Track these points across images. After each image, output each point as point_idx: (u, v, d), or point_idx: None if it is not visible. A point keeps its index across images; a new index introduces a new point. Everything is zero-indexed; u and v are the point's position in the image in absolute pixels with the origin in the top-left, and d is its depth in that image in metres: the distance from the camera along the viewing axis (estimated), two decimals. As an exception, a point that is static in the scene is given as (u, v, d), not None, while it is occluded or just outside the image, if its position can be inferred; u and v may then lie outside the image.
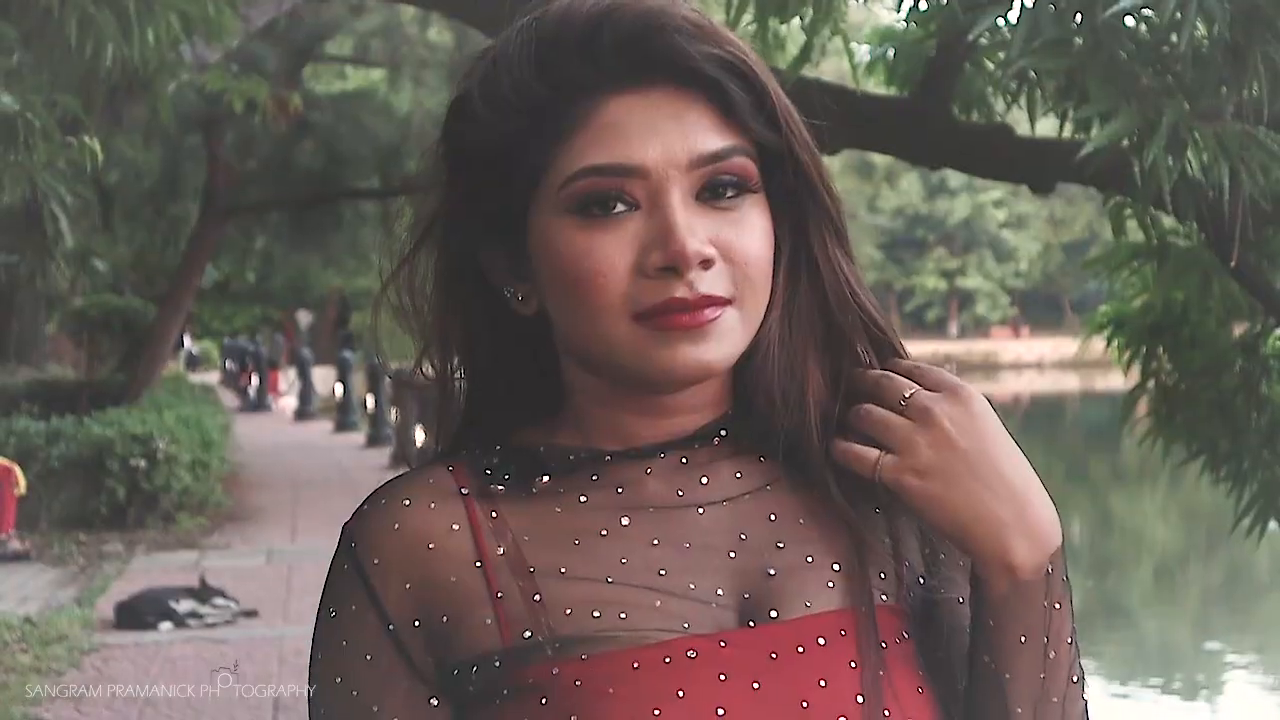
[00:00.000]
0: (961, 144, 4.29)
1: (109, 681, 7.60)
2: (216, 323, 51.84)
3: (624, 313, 1.19)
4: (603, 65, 1.20)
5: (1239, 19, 3.02)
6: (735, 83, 1.21)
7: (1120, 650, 13.07)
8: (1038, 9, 3.26)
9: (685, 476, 1.27)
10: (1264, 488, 4.95)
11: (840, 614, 1.22)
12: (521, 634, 1.19)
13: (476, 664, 1.20)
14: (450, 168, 1.28)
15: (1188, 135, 3.11)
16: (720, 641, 1.18)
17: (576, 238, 1.20)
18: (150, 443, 12.75)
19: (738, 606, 1.22)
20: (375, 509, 1.27)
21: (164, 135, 17.07)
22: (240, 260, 27.99)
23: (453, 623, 1.21)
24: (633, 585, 1.21)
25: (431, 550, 1.23)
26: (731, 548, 1.25)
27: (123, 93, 6.64)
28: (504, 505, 1.26)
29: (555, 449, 1.28)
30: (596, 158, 1.19)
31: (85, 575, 10.93)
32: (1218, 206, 3.32)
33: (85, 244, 20.33)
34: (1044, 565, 1.21)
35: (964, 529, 1.21)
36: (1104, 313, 5.21)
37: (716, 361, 1.20)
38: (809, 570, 1.24)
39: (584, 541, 1.24)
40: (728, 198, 1.21)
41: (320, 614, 1.28)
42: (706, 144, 1.20)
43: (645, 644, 1.17)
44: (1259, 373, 4.90)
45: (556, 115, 1.20)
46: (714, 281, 1.19)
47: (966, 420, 1.22)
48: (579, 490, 1.27)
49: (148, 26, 5.45)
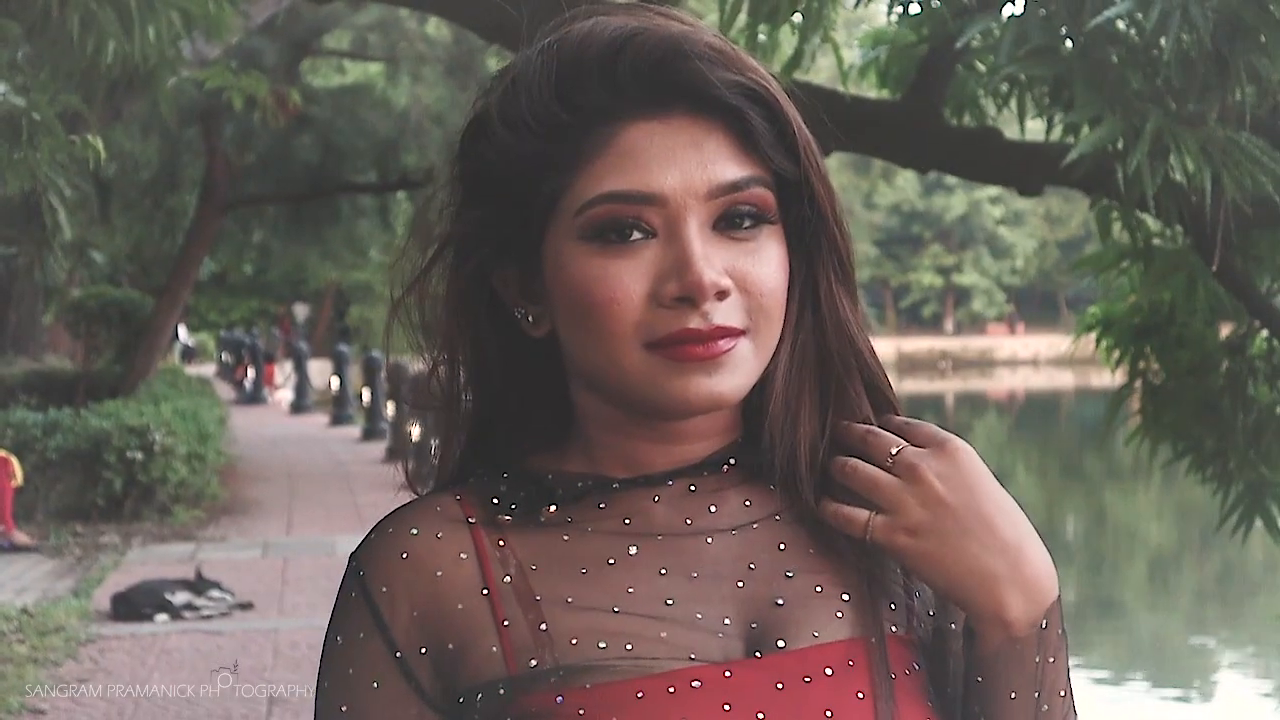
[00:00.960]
0: (951, 147, 4.34)
1: (105, 672, 7.66)
2: (213, 315, 51.83)
3: (636, 341, 1.18)
4: (623, 91, 1.19)
5: (1222, 27, 3.08)
6: (756, 111, 1.20)
7: (1113, 646, 13.13)
8: (1025, 16, 3.32)
9: (694, 504, 1.26)
10: (1249, 487, 5.00)
11: (849, 644, 1.21)
12: (527, 662, 1.18)
13: (482, 692, 1.19)
14: (465, 187, 1.27)
15: (1171, 141, 3.17)
16: (726, 671, 1.17)
17: (592, 263, 1.19)
18: (147, 435, 12.78)
19: (745, 636, 1.21)
20: (383, 537, 1.26)
21: (163, 128, 17.10)
22: (237, 253, 27.96)
23: (459, 650, 1.21)
24: (639, 615, 1.20)
25: (439, 578, 1.23)
26: (740, 577, 1.24)
27: (123, 88, 6.67)
28: (511, 534, 1.25)
29: (563, 476, 1.27)
30: (614, 184, 1.18)
31: (82, 566, 10.98)
32: (1200, 210, 3.38)
33: (83, 236, 20.36)
34: (1039, 619, 1.21)
35: (958, 585, 1.20)
36: (1093, 313, 5.25)
37: (729, 393, 1.20)
38: (818, 600, 1.23)
39: (591, 570, 1.23)
40: (745, 228, 1.20)
41: (327, 641, 1.27)
42: (725, 173, 1.19)
43: (650, 674, 1.16)
44: (1245, 373, 4.94)
45: (575, 140, 1.19)
46: (728, 312, 1.18)
47: (955, 475, 1.21)
48: (586, 519, 1.25)
49: (149, 23, 5.49)
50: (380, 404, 20.68)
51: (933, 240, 69.19)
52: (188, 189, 21.01)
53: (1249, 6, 3.02)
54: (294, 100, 10.59)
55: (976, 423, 40.03)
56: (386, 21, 19.72)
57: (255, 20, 8.43)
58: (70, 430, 12.94)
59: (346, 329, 45.15)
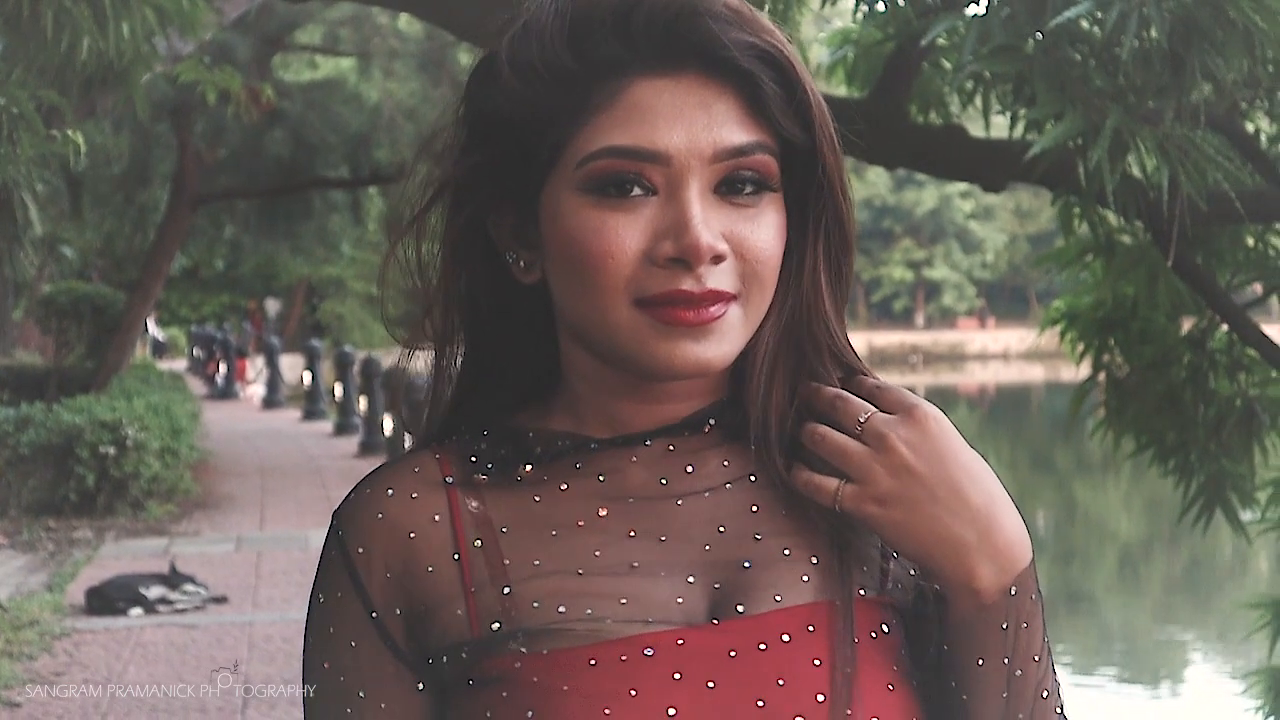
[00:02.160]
0: (916, 144, 4.41)
1: (80, 666, 7.67)
2: (184, 310, 51.70)
3: (627, 296, 1.18)
4: (635, 45, 1.18)
5: (1178, 28, 3.15)
6: (769, 75, 1.19)
7: (1083, 638, 13.21)
8: (988, 15, 3.40)
9: (671, 464, 1.26)
10: (1210, 479, 5.05)
11: (811, 608, 1.20)
12: (490, 626, 1.19)
13: (448, 654, 1.21)
14: (468, 130, 1.26)
15: (1130, 138, 3.24)
16: (679, 639, 1.17)
17: (589, 216, 1.18)
18: (119, 430, 12.76)
19: (708, 599, 1.20)
20: (361, 497, 1.27)
21: (134, 123, 17.08)
22: (209, 248, 27.93)
23: (430, 612, 1.22)
24: (602, 577, 1.20)
25: (413, 540, 1.23)
26: (708, 540, 1.23)
27: (97, 83, 6.69)
28: (487, 494, 1.26)
29: (544, 433, 1.28)
30: (619, 139, 1.17)
31: (55, 561, 10.97)
32: (1159, 206, 3.45)
33: (53, 231, 20.32)
34: (1009, 586, 1.19)
35: (927, 554, 1.19)
36: (1057, 307, 5.30)
37: (716, 359, 1.19)
38: (785, 563, 1.22)
39: (560, 533, 1.23)
40: (746, 194, 1.20)
41: (311, 600, 1.28)
42: (731, 137, 1.18)
43: (604, 640, 1.16)
44: (1206, 367, 4.99)
45: (583, 91, 1.18)
46: (722, 276, 1.18)
47: (923, 443, 1.20)
48: (561, 478, 1.26)
49: (123, 20, 5.52)
50: (353, 399, 20.67)
51: (904, 235, 69.36)
52: (159, 184, 20.98)
53: (1204, 8, 3.10)
54: (268, 95, 10.60)
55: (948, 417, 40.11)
56: (358, 16, 19.72)
57: (228, 16, 8.46)
58: (43, 425, 12.90)
59: (319, 324, 45.14)
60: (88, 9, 5.40)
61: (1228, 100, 3.75)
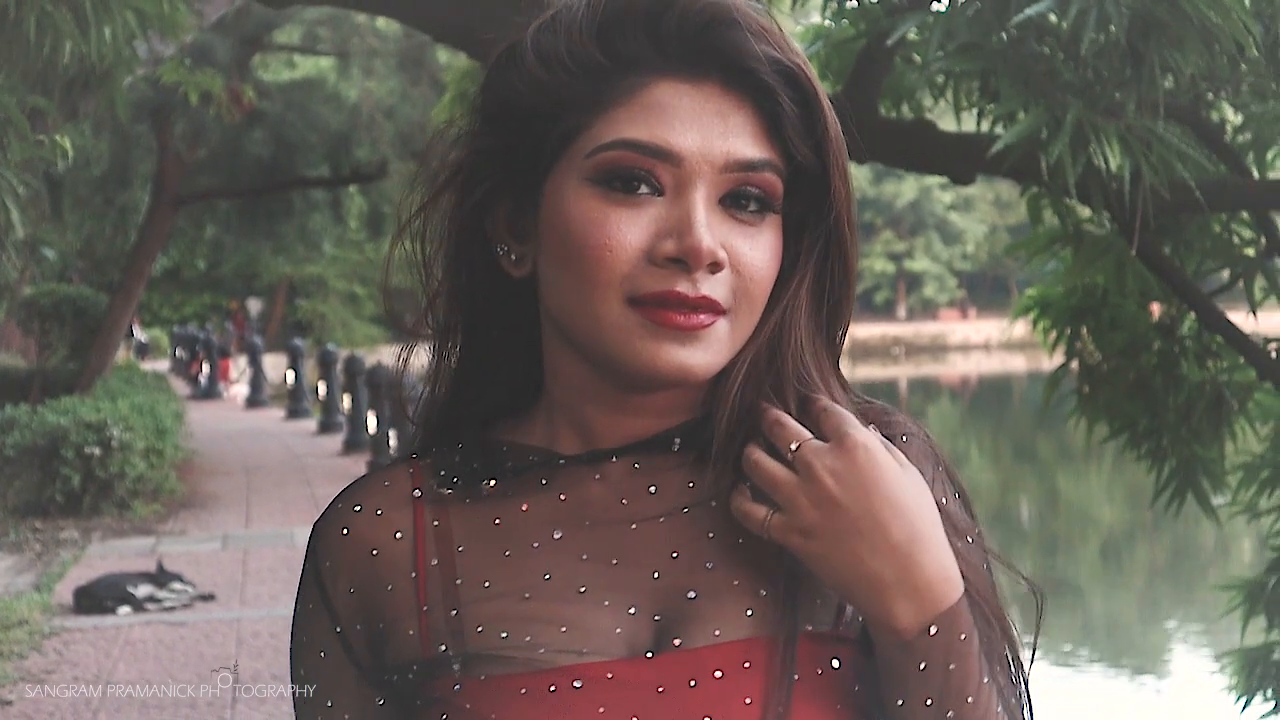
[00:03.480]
0: (887, 139, 4.48)
1: (70, 664, 7.74)
2: (166, 310, 51.61)
3: (620, 293, 1.17)
4: (662, 46, 1.18)
5: (1137, 23, 3.24)
6: (789, 93, 1.19)
7: (1067, 627, 13.30)
8: (953, 13, 3.48)
9: (634, 484, 1.25)
10: (1181, 464, 5.14)
11: (749, 643, 1.17)
12: (438, 647, 1.20)
13: (399, 673, 1.22)
14: (483, 116, 1.26)
15: (1091, 131, 3.33)
16: (609, 673, 1.15)
17: (593, 206, 1.17)
18: (104, 430, 12.79)
19: (648, 631, 1.19)
20: (333, 512, 1.29)
21: (114, 125, 17.11)
22: (190, 248, 28.00)
23: (387, 630, 1.23)
24: (547, 602, 1.19)
25: (375, 557, 1.25)
26: (659, 567, 1.21)
27: (79, 87, 6.75)
28: (452, 510, 1.26)
29: (516, 447, 1.28)
30: (634, 132, 1.17)
31: (42, 561, 11.02)
32: (1121, 196, 3.54)
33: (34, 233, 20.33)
34: (928, 625, 1.15)
35: (848, 589, 1.16)
36: (1030, 296, 5.36)
37: (698, 367, 1.18)
38: (731, 595, 1.19)
39: (514, 554, 1.23)
40: (750, 210, 1.20)
41: (294, 607, 1.31)
42: (745, 150, 1.18)
43: (537, 669, 1.15)
44: (1176, 353, 5.07)
45: (605, 83, 1.19)
46: (716, 286, 1.17)
47: (849, 473, 1.15)
48: (525, 495, 1.26)
49: (105, 24, 5.57)
50: (336, 397, 20.70)
51: (884, 227, 69.49)
52: (139, 185, 21.00)
53: (1161, 4, 3.18)
54: (249, 96, 10.67)
55: (930, 407, 40.29)
56: (337, 16, 19.77)
57: (209, 19, 8.52)
58: (27, 427, 12.93)
59: (300, 323, 45.11)
60: (69, 13, 5.45)
61: (1189, 92, 3.84)
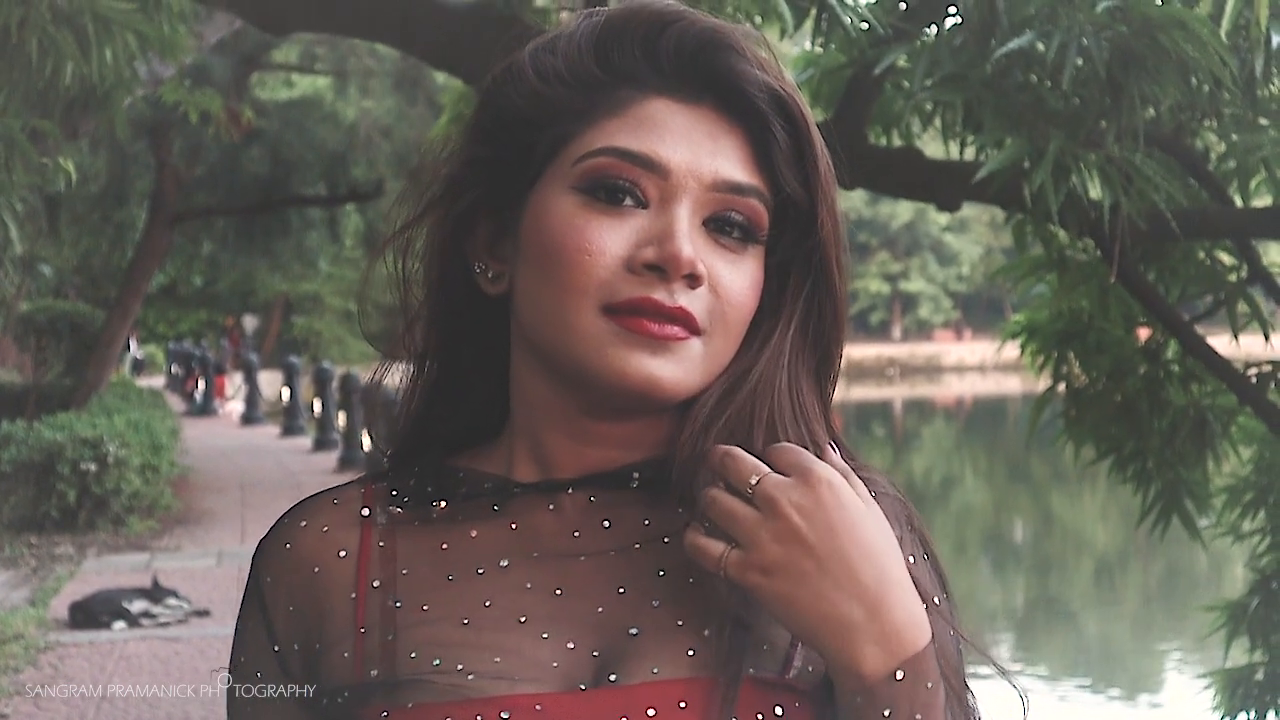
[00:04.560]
0: (874, 165, 4.56)
1: (65, 678, 7.78)
2: (161, 327, 51.63)
3: (595, 300, 1.15)
4: (659, 65, 1.19)
5: (1116, 56, 3.32)
6: (781, 123, 1.19)
7: (1060, 647, 13.34)
8: (938, 45, 3.57)
9: (588, 517, 1.23)
10: (1166, 486, 5.21)
11: (688, 683, 1.12)
12: (369, 672, 1.16)
13: (329, 696, 1.19)
14: (474, 128, 1.26)
15: (1072, 161, 3.42)
16: (537, 705, 1.11)
17: (575, 213, 1.17)
18: (100, 446, 12.83)
19: (585, 666, 1.15)
20: (279, 527, 1.27)
21: (112, 142, 17.19)
22: (186, 264, 28.05)
23: (322, 651, 1.20)
24: (485, 630, 1.16)
25: (316, 574, 1.23)
26: (603, 602, 1.18)
27: (79, 107, 6.82)
28: (400, 532, 1.24)
29: (472, 473, 1.26)
30: (624, 142, 1.17)
31: (37, 576, 11.06)
32: (1102, 224, 3.63)
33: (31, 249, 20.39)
34: (894, 671, 1.09)
35: (811, 630, 1.10)
36: (1017, 320, 5.45)
37: (667, 381, 1.16)
38: (674, 634, 1.15)
39: (458, 578, 1.20)
40: (732, 236, 1.19)
41: (235, 625, 1.30)
42: (733, 172, 1.18)
43: (464, 698, 1.12)
44: (1161, 377, 5.15)
45: (599, 95, 1.19)
46: (693, 301, 1.16)
47: (816, 511, 1.09)
48: (474, 522, 1.23)
49: (106, 45, 5.64)
50: (331, 414, 20.75)
51: (879, 248, 69.62)
52: (136, 202, 21.06)
53: (1140, 39, 3.27)
54: (247, 116, 10.75)
55: (924, 429, 40.37)
56: (334, 36, 19.85)
57: (208, 40, 8.60)
58: (23, 443, 12.96)
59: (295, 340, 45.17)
60: (71, 35, 5.53)
61: (1172, 122, 3.93)
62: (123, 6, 5.68)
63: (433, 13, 4.70)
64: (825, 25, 3.49)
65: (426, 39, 4.86)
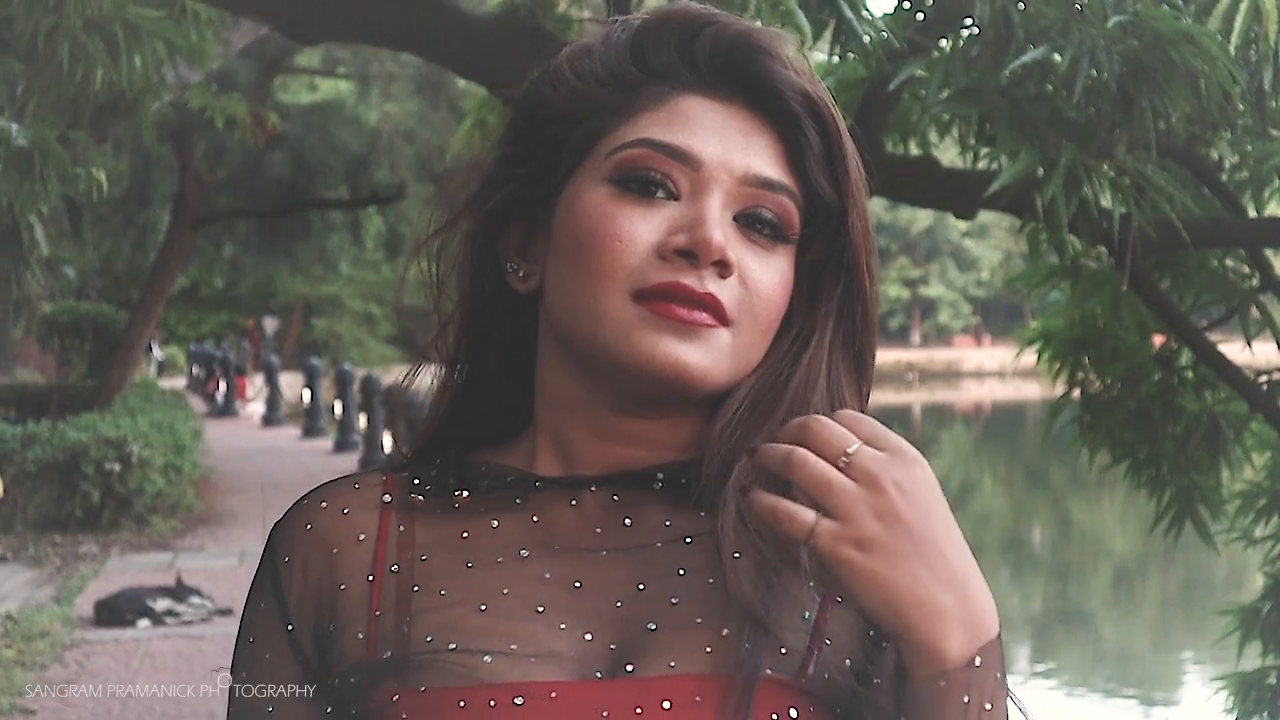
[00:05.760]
0: (891, 174, 4.62)
1: (91, 675, 7.89)
2: (182, 328, 51.76)
3: (626, 287, 1.16)
4: (693, 64, 1.21)
5: (1127, 71, 3.40)
6: (812, 125, 1.20)
7: (1079, 654, 13.34)
8: (951, 59, 3.64)
9: (609, 514, 1.23)
10: (1180, 492, 5.26)
11: (704, 679, 1.12)
12: (383, 654, 1.16)
13: (341, 678, 1.18)
14: (508, 130, 1.28)
15: (1083, 173, 3.49)
16: (553, 692, 1.11)
17: (608, 203, 1.18)
18: (124, 446, 12.95)
19: (602, 657, 1.15)
20: (296, 508, 1.27)
21: (136, 146, 17.30)
22: (208, 266, 28.15)
23: (336, 632, 1.20)
24: (502, 618, 1.16)
25: (335, 555, 1.23)
26: (622, 597, 1.18)
27: (108, 112, 6.93)
28: (420, 519, 1.24)
29: (493, 467, 1.26)
30: (657, 134, 1.18)
31: (62, 575, 11.18)
32: (1113, 234, 3.70)
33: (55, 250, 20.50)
34: (974, 656, 1.07)
35: (901, 612, 1.06)
36: (1034, 328, 5.50)
37: (695, 367, 1.16)
38: (692, 630, 1.15)
39: (476, 566, 1.20)
40: (763, 234, 1.19)
41: (244, 605, 1.29)
42: (764, 168, 1.19)
43: (479, 683, 1.12)
44: (1174, 384, 5.21)
45: (634, 91, 1.21)
46: (723, 290, 1.16)
47: (914, 490, 1.07)
48: (496, 513, 1.24)
49: (135, 53, 5.74)
50: (352, 416, 20.82)
51: (899, 253, 69.54)
52: (159, 205, 21.16)
53: (1151, 52, 3.34)
54: (273, 122, 10.85)
55: (943, 434, 40.29)
56: (359, 42, 19.93)
57: (235, 47, 8.71)
58: (48, 443, 13.09)
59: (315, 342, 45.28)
60: (101, 42, 5.63)
61: (1184, 133, 4.00)
62: (152, 14, 5.77)
63: (458, 23, 4.78)
64: (843, 38, 3.56)
65: (452, 49, 4.94)
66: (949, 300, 69.65)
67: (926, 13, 3.97)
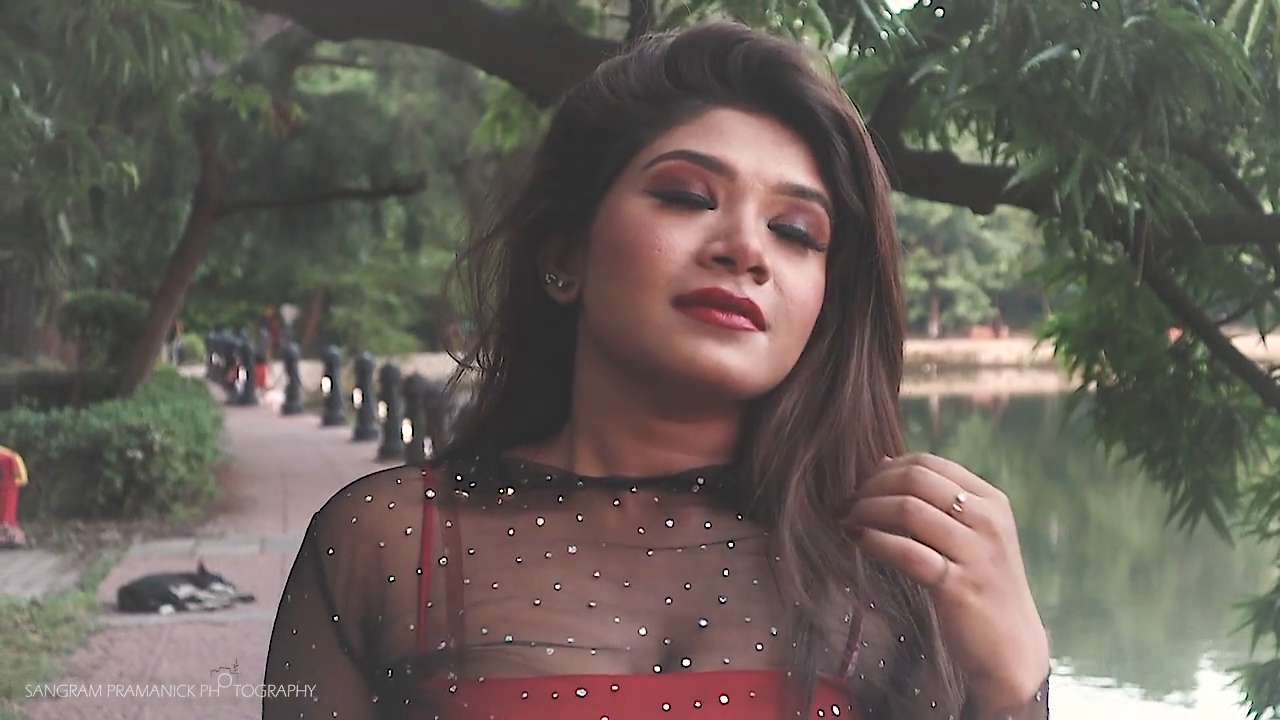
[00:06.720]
0: (909, 170, 4.67)
1: (115, 660, 7.99)
2: (201, 317, 51.85)
3: (666, 293, 1.19)
4: (726, 79, 1.24)
5: (1143, 70, 3.45)
6: (841, 140, 1.23)
7: (1096, 647, 13.35)
8: (970, 56, 3.69)
9: (651, 516, 1.25)
10: (1195, 484, 5.30)
11: (757, 675, 1.17)
12: (436, 644, 1.18)
13: (394, 668, 1.20)
14: (546, 145, 1.30)
15: (1099, 170, 3.54)
16: (614, 685, 1.15)
17: (646, 214, 1.21)
18: (146, 434, 13.06)
19: (656, 651, 1.18)
20: (340, 501, 1.28)
21: (158, 135, 17.38)
22: (228, 255, 28.23)
23: (385, 623, 1.22)
24: (557, 612, 1.18)
25: (382, 549, 1.24)
26: (671, 594, 1.21)
27: (134, 104, 6.99)
28: (464, 515, 1.26)
29: (534, 466, 1.28)
30: (693, 146, 1.21)
31: (85, 562, 11.27)
32: (1127, 229, 3.75)
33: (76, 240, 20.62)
34: (1037, 691, 1.12)
35: (997, 650, 1.10)
36: (1051, 321, 5.54)
37: (735, 370, 1.19)
38: (742, 629, 1.19)
39: (526, 561, 1.22)
40: (796, 241, 1.22)
41: (282, 598, 1.29)
42: (796, 177, 1.22)
43: (540, 674, 1.14)
44: (1189, 377, 5.25)
45: (669, 106, 1.24)
46: (760, 295, 1.19)
47: (1012, 533, 1.12)
48: (540, 511, 1.26)
49: (162, 45, 5.80)
50: (372, 405, 20.89)
51: (917, 244, 69.28)
52: (180, 194, 21.25)
53: (1166, 52, 3.39)
54: (296, 113, 10.92)
55: (961, 425, 40.28)
56: (381, 34, 19.98)
57: (260, 39, 8.77)
58: (71, 430, 13.19)
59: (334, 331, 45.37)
60: (129, 35, 5.69)
61: (1199, 130, 4.05)
62: (178, 7, 5.82)
63: (482, 19, 4.84)
64: (862, 35, 3.61)
65: (475, 44, 5.00)
66: (967, 292, 69.46)
67: (945, 10, 4.03)
